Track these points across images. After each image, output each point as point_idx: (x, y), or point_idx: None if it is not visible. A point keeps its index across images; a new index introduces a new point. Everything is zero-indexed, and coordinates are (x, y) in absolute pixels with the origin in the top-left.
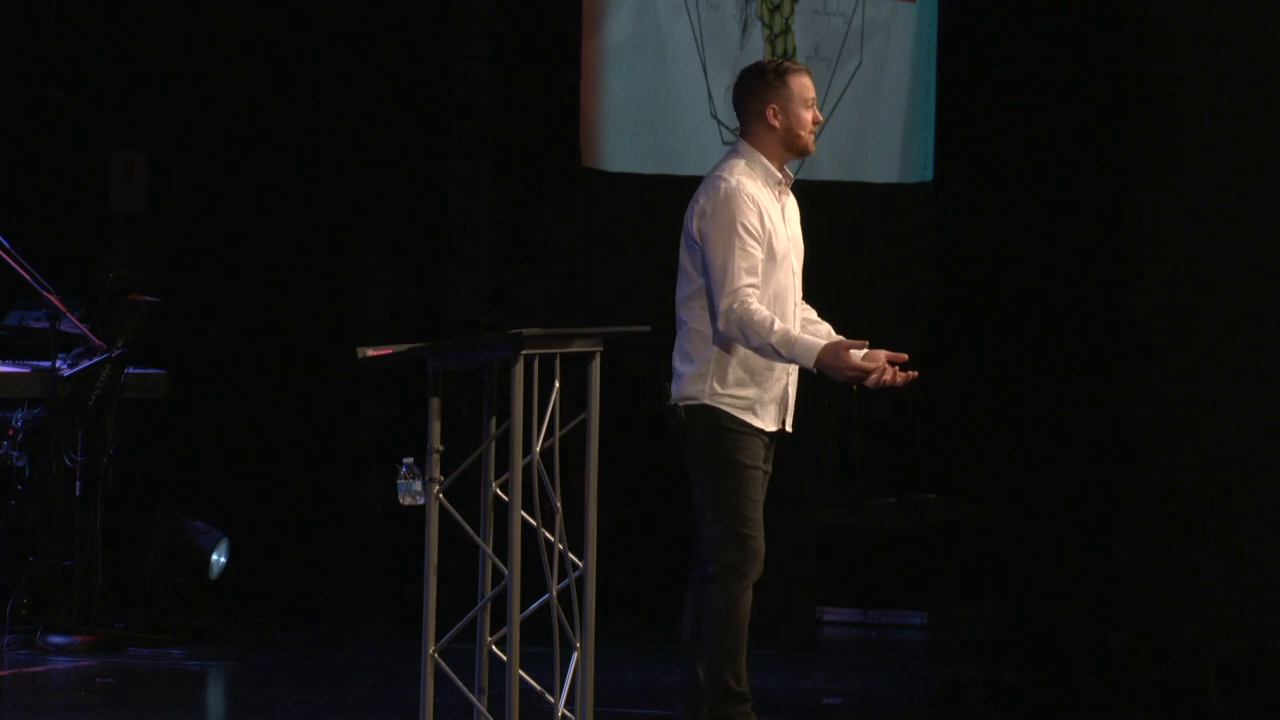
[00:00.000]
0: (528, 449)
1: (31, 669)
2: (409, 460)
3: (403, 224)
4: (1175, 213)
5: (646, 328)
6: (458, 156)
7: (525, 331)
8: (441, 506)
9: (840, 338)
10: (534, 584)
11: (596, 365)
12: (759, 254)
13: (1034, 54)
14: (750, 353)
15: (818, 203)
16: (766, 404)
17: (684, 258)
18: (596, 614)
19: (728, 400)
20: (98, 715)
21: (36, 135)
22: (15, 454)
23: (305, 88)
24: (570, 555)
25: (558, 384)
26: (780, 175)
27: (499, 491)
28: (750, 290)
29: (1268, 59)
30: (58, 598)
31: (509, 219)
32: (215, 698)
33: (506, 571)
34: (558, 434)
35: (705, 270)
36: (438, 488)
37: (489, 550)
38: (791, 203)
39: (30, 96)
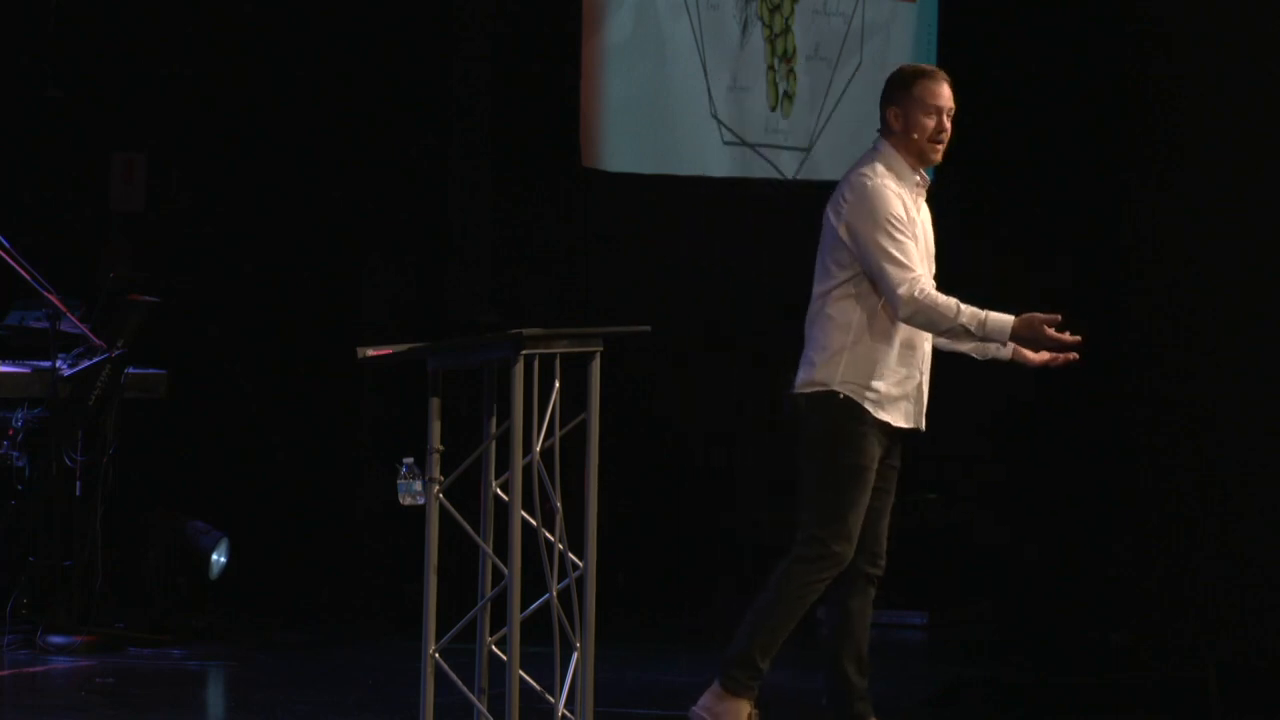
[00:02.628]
0: (528, 449)
1: (31, 669)
2: (409, 460)
3: (403, 224)
4: (1175, 213)
5: (646, 328)
6: (458, 156)
7: (525, 331)
8: (441, 506)
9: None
10: (534, 584)
11: (596, 365)
12: (910, 241)
13: (1034, 54)
14: (886, 348)
15: (818, 203)
16: (896, 399)
17: (825, 254)
18: (596, 614)
19: (855, 389)
20: (98, 715)
21: (36, 135)
22: (15, 454)
23: (305, 88)
24: (570, 555)
25: (558, 384)
26: (918, 178)
27: (499, 491)
28: (920, 275)
29: (1268, 59)
30: (58, 598)
31: (509, 219)
32: (215, 698)
33: (506, 571)
34: (558, 434)
35: (869, 265)
36: (438, 488)
37: (489, 550)
38: (925, 209)
39: (30, 96)
